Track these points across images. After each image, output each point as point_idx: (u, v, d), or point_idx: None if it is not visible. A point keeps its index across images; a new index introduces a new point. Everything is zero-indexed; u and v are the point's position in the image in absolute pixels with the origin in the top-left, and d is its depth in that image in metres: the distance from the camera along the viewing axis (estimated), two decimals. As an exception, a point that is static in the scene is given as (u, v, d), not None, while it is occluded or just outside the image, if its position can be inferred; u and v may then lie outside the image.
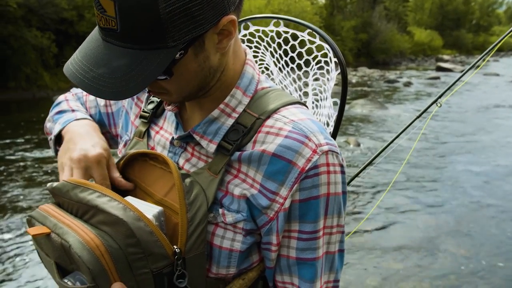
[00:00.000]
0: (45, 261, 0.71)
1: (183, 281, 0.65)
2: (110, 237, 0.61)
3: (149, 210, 0.67)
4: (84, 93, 0.99)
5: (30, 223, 0.70)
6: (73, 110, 0.92)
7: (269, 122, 0.70)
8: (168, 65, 0.61)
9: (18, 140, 6.79)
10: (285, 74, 1.08)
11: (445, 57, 30.92)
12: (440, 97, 1.60)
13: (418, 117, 1.60)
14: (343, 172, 0.71)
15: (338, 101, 0.93)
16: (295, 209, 0.68)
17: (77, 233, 0.61)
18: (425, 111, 1.60)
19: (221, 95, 0.73)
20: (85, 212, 0.65)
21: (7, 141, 6.72)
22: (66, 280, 0.62)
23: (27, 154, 6.09)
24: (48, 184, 0.73)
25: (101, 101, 0.95)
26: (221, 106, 0.72)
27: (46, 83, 11.66)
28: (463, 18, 46.43)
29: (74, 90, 1.00)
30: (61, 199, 0.70)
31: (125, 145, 0.88)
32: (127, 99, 0.89)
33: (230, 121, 0.72)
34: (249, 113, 0.72)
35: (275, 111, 0.71)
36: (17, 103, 10.36)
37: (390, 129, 8.11)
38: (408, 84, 15.94)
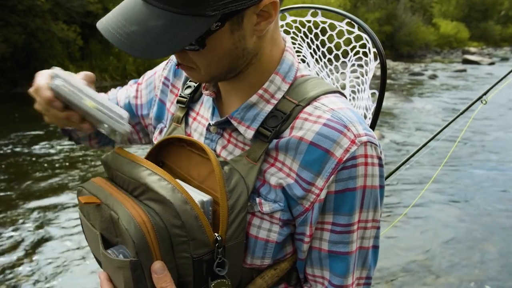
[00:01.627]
0: (89, 232, 0.72)
1: (222, 270, 0.65)
2: (158, 215, 0.62)
3: (198, 197, 0.67)
4: (118, 88, 1.00)
5: (80, 194, 0.71)
6: None
7: (308, 109, 0.69)
8: (203, 35, 0.60)
9: (44, 131, 6.95)
10: (321, 66, 1.07)
11: (472, 49, 30.05)
12: (485, 93, 1.53)
13: (461, 113, 1.53)
14: (381, 165, 0.69)
15: (376, 92, 0.92)
16: (330, 201, 0.67)
17: (126, 207, 0.62)
18: (468, 108, 1.53)
19: (257, 80, 0.72)
20: (135, 188, 0.66)
21: (34, 132, 6.89)
22: (109, 252, 0.63)
23: (53, 144, 6.24)
24: (103, 156, 0.74)
25: (132, 93, 0.95)
26: (260, 91, 0.71)
27: (72, 75, 11.88)
28: (491, 9, 44.95)
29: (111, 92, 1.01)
30: (115, 173, 0.71)
31: (160, 132, 0.88)
32: (161, 87, 0.89)
33: (268, 107, 0.71)
34: (288, 99, 0.70)
35: (315, 98, 0.69)
36: (44, 95, 10.59)
37: (415, 122, 7.96)
38: (433, 77, 15.58)
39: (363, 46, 0.96)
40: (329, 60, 1.04)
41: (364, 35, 0.92)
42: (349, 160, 0.65)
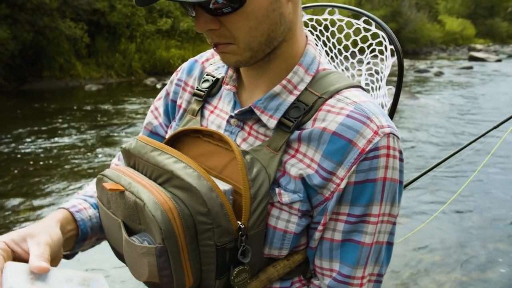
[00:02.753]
0: (109, 220, 0.72)
1: (245, 257, 0.65)
2: (183, 202, 0.62)
3: (219, 186, 0.67)
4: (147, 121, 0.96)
5: (100, 182, 0.71)
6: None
7: (330, 101, 0.70)
8: None
9: (52, 127, 7.02)
10: (337, 63, 1.09)
11: (478, 46, 29.84)
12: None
13: (496, 126, 1.47)
14: (402, 160, 0.69)
15: (393, 89, 0.94)
16: (348, 192, 0.67)
17: (152, 194, 0.62)
18: (507, 120, 1.48)
19: (283, 67, 0.73)
20: (159, 175, 0.67)
21: (43, 128, 6.96)
22: (133, 238, 0.63)
23: (60, 140, 6.29)
24: (125, 144, 0.74)
25: (150, 119, 0.93)
26: (283, 82, 0.72)
27: (79, 72, 11.94)
28: (497, 6, 44.57)
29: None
30: (138, 160, 0.71)
31: (171, 127, 0.88)
32: (173, 89, 0.89)
33: (291, 98, 0.71)
34: (311, 91, 0.71)
35: (337, 91, 0.70)
36: (51, 92, 10.67)
37: (420, 119, 7.95)
38: (439, 74, 15.52)
39: (379, 44, 0.98)
40: (346, 57, 1.07)
41: (381, 33, 0.95)
42: (372, 151, 0.65)
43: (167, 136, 0.83)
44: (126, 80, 12.75)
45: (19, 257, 0.63)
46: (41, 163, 5.31)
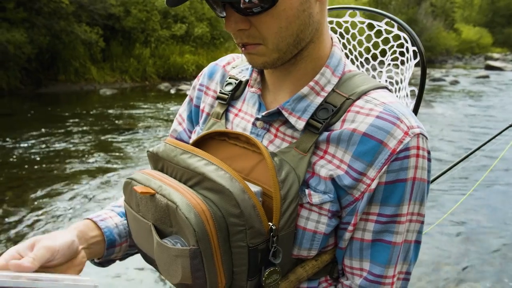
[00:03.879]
0: (138, 223, 0.72)
1: (277, 258, 0.65)
2: (215, 204, 0.62)
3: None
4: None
5: (129, 186, 0.72)
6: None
7: (359, 102, 0.70)
8: None
9: (66, 130, 7.09)
10: (357, 66, 1.07)
11: (495, 55, 29.48)
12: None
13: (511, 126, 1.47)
14: (430, 160, 0.69)
15: (415, 89, 0.92)
16: (379, 192, 0.67)
17: (184, 196, 0.63)
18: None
19: (310, 69, 0.73)
20: (189, 178, 0.67)
21: (57, 130, 7.04)
22: (166, 241, 0.64)
23: (74, 143, 6.35)
24: (152, 148, 0.74)
25: (176, 127, 0.95)
26: (311, 83, 0.72)
27: (93, 76, 12.10)
28: (515, 15, 44.14)
29: None
30: (166, 163, 0.71)
31: (194, 132, 0.88)
32: (196, 95, 0.90)
33: (318, 100, 0.71)
34: (338, 93, 0.71)
35: (365, 93, 0.70)
36: (66, 95, 10.82)
37: (435, 127, 7.85)
38: (454, 82, 15.36)
39: (400, 46, 0.95)
40: (367, 59, 1.04)
41: (403, 34, 0.92)
42: (402, 151, 0.65)
43: (191, 141, 0.83)
44: (140, 85, 12.87)
45: None
46: (54, 165, 5.36)
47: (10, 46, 9.42)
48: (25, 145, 6.15)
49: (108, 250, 0.79)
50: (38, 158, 5.60)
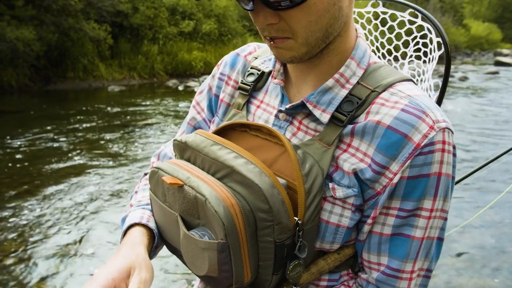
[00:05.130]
0: (164, 213, 0.71)
1: (302, 253, 0.65)
2: (244, 198, 0.62)
3: None
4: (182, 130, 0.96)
5: (155, 175, 0.71)
6: (130, 210, 0.85)
7: (384, 95, 0.68)
8: None
9: (74, 127, 7.12)
10: (378, 57, 1.05)
11: (505, 51, 29.03)
12: None
13: None
14: (455, 155, 0.68)
15: (439, 81, 0.91)
16: (401, 186, 0.66)
17: (213, 189, 0.62)
18: None
19: (336, 61, 0.71)
20: (218, 170, 0.66)
21: (66, 127, 7.07)
22: (193, 233, 0.63)
23: (83, 139, 6.38)
24: (180, 137, 0.73)
25: (194, 115, 0.92)
26: (336, 76, 0.71)
27: (102, 73, 12.13)
28: (525, 10, 43.58)
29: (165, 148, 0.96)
30: (195, 154, 0.70)
31: (213, 122, 0.87)
32: (216, 84, 0.88)
33: (343, 92, 0.70)
34: (363, 85, 0.70)
35: (390, 85, 0.69)
36: (75, 93, 10.87)
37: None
38: (463, 79, 15.20)
39: (424, 36, 0.94)
40: (389, 51, 1.02)
41: (426, 25, 0.91)
42: (427, 146, 0.64)
43: (210, 131, 0.82)
44: (148, 81, 12.89)
45: None
46: (64, 161, 5.39)
47: (19, 43, 9.47)
48: (35, 141, 6.19)
49: (151, 253, 0.78)
50: (48, 154, 5.63)
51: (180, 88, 11.77)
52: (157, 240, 0.77)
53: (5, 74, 9.82)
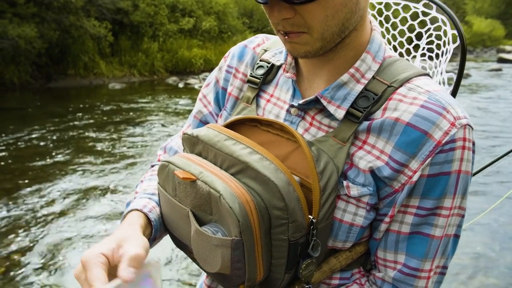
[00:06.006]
0: (173, 209, 0.70)
1: (316, 251, 0.64)
2: (258, 195, 0.60)
3: None
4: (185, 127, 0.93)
5: (165, 169, 0.69)
6: (135, 197, 0.83)
7: (401, 90, 0.66)
8: None
9: (77, 124, 7.11)
10: (390, 49, 1.03)
11: (508, 48, 28.84)
12: None
13: None
14: (474, 152, 0.67)
15: (453, 75, 0.88)
16: (420, 184, 0.65)
17: (227, 184, 0.60)
18: None
19: (351, 56, 0.69)
20: (231, 165, 0.64)
21: (69, 124, 7.06)
22: (206, 229, 0.61)
23: (85, 135, 6.37)
24: (192, 131, 0.71)
25: (200, 108, 0.90)
26: (351, 70, 0.69)
27: (102, 71, 12.10)
28: (528, 7, 43.36)
29: (169, 142, 0.93)
30: (207, 148, 0.68)
31: (221, 116, 0.85)
32: (223, 76, 0.85)
33: (359, 87, 0.68)
34: (379, 80, 0.68)
35: (407, 80, 0.67)
36: (76, 90, 10.85)
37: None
38: (466, 76, 15.11)
39: (438, 28, 0.91)
40: (401, 43, 1.00)
41: (441, 16, 0.88)
42: (448, 143, 0.62)
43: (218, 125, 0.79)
44: (148, 79, 12.87)
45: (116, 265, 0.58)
46: (66, 157, 5.38)
47: (21, 41, 9.45)
48: (37, 138, 6.18)
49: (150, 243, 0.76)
50: (50, 151, 5.62)
51: (180, 85, 11.75)
52: (154, 233, 0.74)
53: (7, 71, 9.81)
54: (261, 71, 0.79)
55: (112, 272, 0.56)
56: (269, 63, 0.79)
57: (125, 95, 10.09)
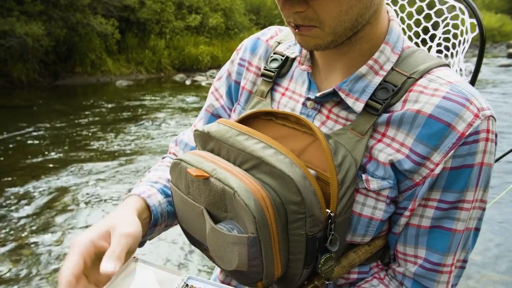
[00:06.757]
0: (187, 206, 0.68)
1: (334, 246, 0.62)
2: (273, 190, 0.59)
3: None
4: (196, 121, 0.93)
5: (177, 167, 0.68)
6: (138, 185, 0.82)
7: (422, 81, 0.64)
8: None
9: (84, 121, 7.14)
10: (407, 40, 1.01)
11: (518, 43, 28.67)
12: None
13: None
14: (496, 144, 0.66)
15: (471, 65, 0.86)
16: (442, 177, 0.63)
17: (241, 181, 0.59)
18: None
19: (368, 48, 0.68)
20: (245, 161, 0.63)
21: (77, 121, 7.09)
22: (221, 227, 0.60)
23: (92, 132, 6.39)
24: (203, 127, 0.69)
25: (212, 101, 0.89)
26: (370, 62, 0.67)
27: (109, 68, 12.13)
28: (538, 1, 42.76)
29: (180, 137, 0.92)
30: (219, 144, 0.67)
31: (235, 111, 0.83)
32: (236, 70, 0.83)
33: (377, 79, 0.66)
34: (398, 71, 0.66)
35: (428, 71, 0.65)
36: (83, 88, 10.89)
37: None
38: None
39: (455, 17, 0.89)
40: (416, 33, 0.98)
41: (459, 5, 0.86)
42: (472, 135, 0.61)
43: (231, 120, 0.77)
44: (155, 76, 12.89)
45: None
46: (73, 154, 5.40)
47: (29, 38, 9.49)
48: (45, 135, 6.21)
49: (149, 230, 0.75)
50: (58, 148, 5.65)
51: (187, 82, 11.75)
52: (153, 219, 0.72)
53: (15, 69, 9.86)
54: (275, 64, 0.77)
55: (100, 257, 0.57)
56: (283, 55, 0.77)
57: (133, 93, 10.11)
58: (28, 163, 5.08)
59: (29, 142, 5.90)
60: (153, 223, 0.74)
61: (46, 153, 5.46)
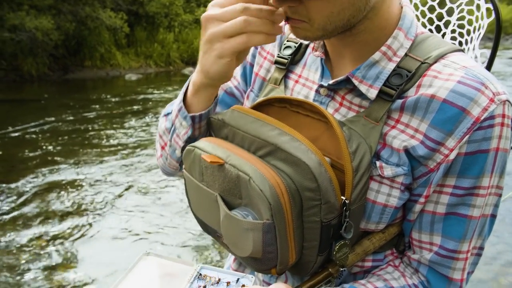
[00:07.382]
0: (201, 193, 0.68)
1: (349, 233, 0.62)
2: (288, 177, 0.58)
3: None
4: None
5: (190, 154, 0.68)
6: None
7: (436, 66, 0.64)
8: None
9: (94, 114, 7.19)
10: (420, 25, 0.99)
11: (530, 35, 28.18)
12: None
13: None
14: None
15: (486, 52, 0.85)
16: (457, 163, 0.63)
17: (256, 167, 0.58)
18: None
19: (373, 37, 0.67)
20: (260, 147, 0.62)
21: (86, 115, 7.14)
22: (236, 213, 0.60)
23: (102, 125, 6.44)
24: (216, 115, 0.69)
25: (229, 85, 0.88)
26: (383, 48, 0.66)
27: (119, 62, 12.17)
28: (552, -8, 41.98)
29: None
30: (233, 131, 0.67)
31: (247, 97, 0.83)
32: (251, 52, 0.83)
33: (391, 65, 0.66)
34: (412, 57, 0.65)
35: (442, 56, 0.64)
36: (93, 81, 10.96)
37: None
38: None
39: (470, 3, 0.87)
40: (430, 20, 0.96)
41: (474, -10, 0.84)
42: (487, 120, 0.60)
43: (245, 106, 0.78)
44: (164, 70, 12.91)
45: None
46: (83, 147, 5.45)
47: (38, 33, 9.55)
48: (55, 129, 6.27)
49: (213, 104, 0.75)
50: (69, 141, 5.70)
51: (196, 76, 11.75)
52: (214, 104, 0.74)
53: (25, 63, 9.94)
54: (288, 51, 0.77)
55: None
56: (296, 42, 0.77)
57: (142, 86, 10.15)
58: (38, 154, 5.14)
59: (39, 135, 5.96)
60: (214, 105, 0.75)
61: (55, 146, 5.51)
